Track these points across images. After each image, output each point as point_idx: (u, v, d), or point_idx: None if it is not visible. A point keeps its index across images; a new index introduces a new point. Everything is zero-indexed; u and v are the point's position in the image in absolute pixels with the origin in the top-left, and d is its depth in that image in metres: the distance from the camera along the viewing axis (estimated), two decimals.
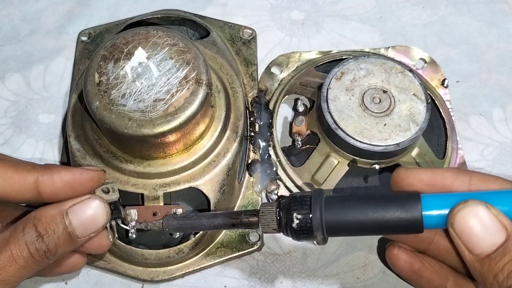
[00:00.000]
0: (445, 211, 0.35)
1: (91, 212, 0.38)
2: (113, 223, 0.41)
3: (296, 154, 0.53)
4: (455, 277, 0.42)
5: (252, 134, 0.53)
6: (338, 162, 0.51)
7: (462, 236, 0.34)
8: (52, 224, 0.37)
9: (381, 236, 0.50)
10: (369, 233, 0.38)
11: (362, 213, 0.36)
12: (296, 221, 0.37)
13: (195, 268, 0.49)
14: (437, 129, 0.55)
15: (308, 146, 0.53)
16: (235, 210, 0.51)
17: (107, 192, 0.40)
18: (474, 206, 0.34)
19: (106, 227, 0.41)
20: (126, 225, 0.44)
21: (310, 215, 0.36)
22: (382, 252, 0.50)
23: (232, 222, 0.39)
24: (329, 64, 0.57)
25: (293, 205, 0.37)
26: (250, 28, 0.60)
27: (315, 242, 0.38)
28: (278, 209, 0.38)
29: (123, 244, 0.46)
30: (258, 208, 0.39)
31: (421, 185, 0.38)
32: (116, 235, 0.42)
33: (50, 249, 0.36)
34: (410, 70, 0.52)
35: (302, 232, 0.37)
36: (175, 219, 0.41)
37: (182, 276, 0.49)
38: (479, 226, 0.34)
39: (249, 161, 0.53)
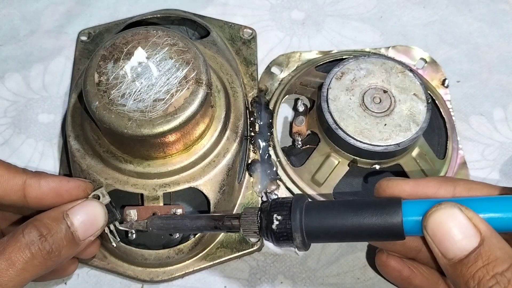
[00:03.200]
0: None
1: (91, 212, 0.39)
2: (112, 227, 0.41)
3: (296, 154, 0.53)
4: (446, 283, 0.41)
5: (252, 134, 0.53)
6: (339, 162, 0.51)
7: (435, 239, 0.33)
8: (54, 224, 0.36)
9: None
10: (349, 239, 0.37)
11: (342, 218, 0.36)
12: (276, 222, 0.37)
13: (195, 269, 0.48)
14: (438, 129, 0.55)
15: (308, 146, 0.53)
16: (234, 211, 0.51)
17: (97, 198, 0.41)
18: (448, 209, 0.33)
19: (107, 233, 0.41)
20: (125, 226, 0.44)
21: (289, 217, 0.37)
22: None
23: (215, 224, 0.39)
24: (330, 64, 0.57)
25: (274, 207, 0.38)
26: (250, 28, 0.60)
27: (295, 248, 0.38)
28: (259, 212, 0.38)
29: (123, 244, 0.46)
30: (241, 212, 0.39)
31: (404, 195, 0.37)
32: (118, 239, 0.42)
33: (54, 250, 0.36)
34: (411, 70, 0.52)
35: (282, 235, 0.37)
36: (159, 219, 0.41)
37: (182, 276, 0.48)
38: (452, 229, 0.33)
39: (249, 161, 0.53)
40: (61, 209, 0.38)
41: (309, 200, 0.39)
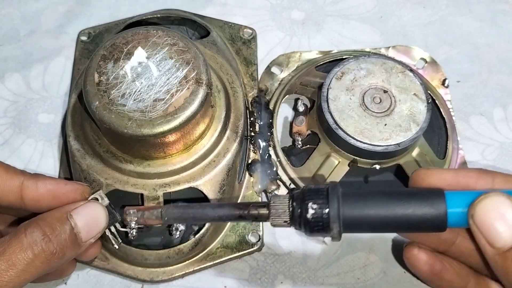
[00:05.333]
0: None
1: (94, 214, 0.38)
2: (113, 229, 0.41)
3: (297, 154, 0.53)
4: (477, 279, 0.40)
5: (252, 134, 0.53)
6: (339, 162, 0.51)
7: (483, 228, 0.33)
8: (59, 224, 0.36)
9: (381, 236, 0.50)
10: (388, 229, 0.36)
11: (383, 207, 0.34)
12: (311, 211, 0.34)
13: (195, 269, 0.48)
14: (438, 129, 0.55)
15: (308, 146, 0.53)
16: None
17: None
18: (496, 197, 0.33)
19: (108, 235, 0.41)
20: (126, 227, 0.44)
21: (327, 206, 0.34)
22: (382, 252, 0.50)
23: (239, 213, 0.37)
24: (330, 64, 0.57)
25: (308, 195, 0.35)
26: (250, 28, 0.60)
27: (324, 240, 0.37)
28: (291, 200, 0.36)
29: (123, 244, 0.46)
30: (269, 200, 0.37)
31: (443, 185, 0.36)
32: (120, 241, 0.42)
33: (58, 251, 0.35)
34: (411, 70, 0.52)
35: (317, 224, 0.34)
36: (175, 208, 0.39)
37: (182, 276, 0.48)
38: (500, 218, 0.32)
39: (249, 161, 0.52)
40: (65, 209, 0.37)
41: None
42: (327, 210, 0.34)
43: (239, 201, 0.51)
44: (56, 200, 0.38)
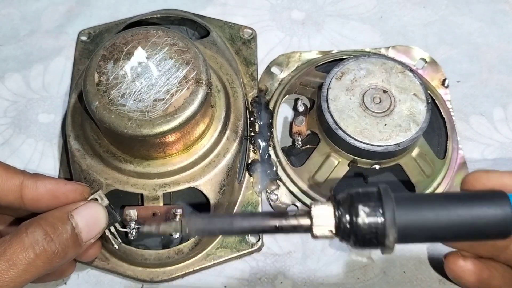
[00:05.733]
0: None
1: (94, 214, 0.39)
2: (113, 229, 0.41)
3: (296, 154, 0.53)
4: None
5: (252, 134, 0.53)
6: (338, 162, 0.51)
7: None
8: (60, 224, 0.36)
9: None
10: (448, 236, 0.32)
11: (442, 209, 0.30)
12: (362, 215, 0.30)
13: (195, 269, 0.48)
14: (438, 129, 0.55)
15: (308, 146, 0.53)
16: (234, 210, 0.51)
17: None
18: None
19: (108, 235, 0.41)
20: (126, 227, 0.44)
21: (381, 209, 0.30)
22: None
23: (276, 224, 0.32)
24: (330, 64, 0.57)
25: (357, 198, 0.31)
26: (250, 28, 0.60)
27: (371, 255, 0.33)
28: (337, 205, 0.32)
29: (123, 244, 0.46)
30: (309, 207, 0.33)
31: (503, 188, 0.33)
32: (120, 241, 0.42)
33: (60, 251, 0.35)
34: (411, 70, 0.52)
35: (370, 231, 0.30)
36: (200, 219, 0.34)
37: (182, 276, 0.48)
38: None
39: (249, 161, 0.52)
40: (65, 209, 0.37)
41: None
42: (380, 215, 0.30)
43: (238, 201, 0.51)
44: (55, 200, 0.38)
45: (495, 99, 0.57)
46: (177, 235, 0.46)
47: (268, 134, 0.54)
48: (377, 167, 0.51)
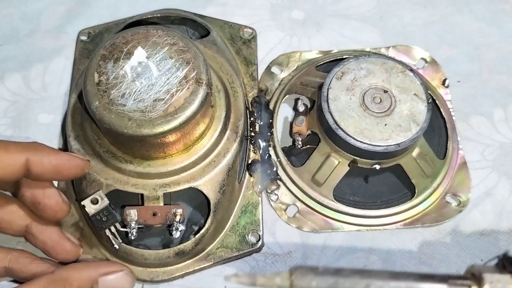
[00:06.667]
0: None
1: (120, 285, 0.40)
2: (113, 228, 0.41)
3: (297, 154, 0.53)
4: None
5: (252, 134, 0.53)
6: (339, 162, 0.51)
7: None
8: None
9: (381, 236, 0.50)
10: None
11: None
12: None
13: (195, 269, 0.48)
14: (438, 129, 0.55)
15: (308, 146, 0.53)
16: (234, 211, 0.51)
17: (95, 202, 0.41)
18: None
19: (108, 235, 0.41)
20: (126, 227, 0.44)
21: None
22: (382, 252, 0.50)
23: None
24: (330, 63, 0.57)
25: None
26: (250, 28, 0.60)
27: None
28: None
29: (123, 244, 0.46)
30: (472, 269, 0.28)
31: None
32: (120, 240, 0.42)
33: None
34: (411, 70, 0.52)
35: None
36: (319, 275, 0.26)
37: (182, 276, 0.48)
38: None
39: (249, 161, 0.52)
40: (93, 274, 0.38)
41: None
42: None
43: (238, 201, 0.51)
44: (59, 175, 0.40)
45: (495, 99, 0.57)
46: (177, 235, 0.46)
47: (268, 134, 0.54)
48: (378, 167, 0.51)
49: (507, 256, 0.27)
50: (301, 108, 0.53)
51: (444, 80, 0.58)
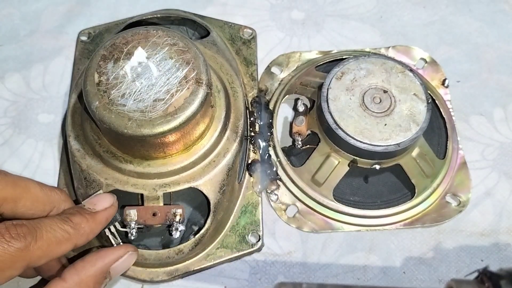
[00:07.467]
0: None
1: (128, 265, 0.41)
2: (113, 228, 0.41)
3: (297, 154, 0.53)
4: None
5: (252, 134, 0.53)
6: (339, 162, 0.51)
7: None
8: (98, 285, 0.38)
9: (381, 236, 0.50)
10: None
11: None
12: None
13: (195, 269, 0.48)
14: (438, 129, 0.55)
15: (308, 146, 0.53)
16: (234, 211, 0.51)
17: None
18: None
19: (108, 235, 0.41)
20: (126, 227, 0.44)
21: None
22: (382, 252, 0.50)
23: None
24: (330, 64, 0.57)
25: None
26: (250, 28, 0.60)
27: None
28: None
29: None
30: (450, 283, 0.29)
31: None
32: (120, 241, 0.42)
33: None
34: (411, 70, 0.52)
35: None
36: None
37: (182, 276, 0.48)
38: None
39: (249, 161, 0.52)
40: (104, 266, 0.39)
41: None
42: None
43: (238, 201, 0.51)
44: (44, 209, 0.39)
45: (495, 99, 0.58)
46: (177, 235, 0.46)
47: (268, 134, 0.54)
48: (377, 167, 0.51)
49: (487, 270, 0.29)
50: (301, 108, 0.53)
51: (444, 80, 0.58)
